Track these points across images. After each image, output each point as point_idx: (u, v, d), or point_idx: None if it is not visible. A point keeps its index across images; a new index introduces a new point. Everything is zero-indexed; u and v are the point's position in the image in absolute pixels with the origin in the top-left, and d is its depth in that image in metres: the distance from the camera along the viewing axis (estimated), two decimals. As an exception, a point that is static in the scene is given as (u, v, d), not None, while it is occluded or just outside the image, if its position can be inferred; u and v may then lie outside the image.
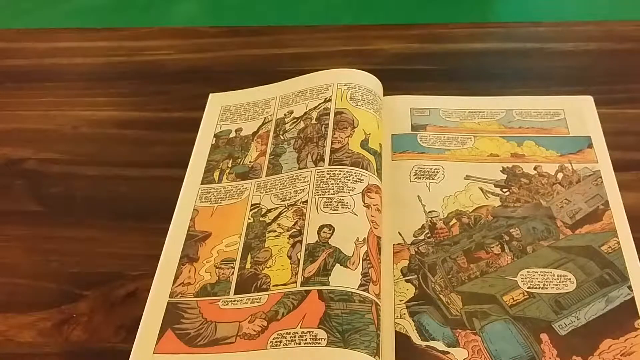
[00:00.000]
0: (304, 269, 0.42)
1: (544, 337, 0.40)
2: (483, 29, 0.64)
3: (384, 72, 0.59)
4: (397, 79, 0.58)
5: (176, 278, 0.44)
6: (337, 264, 0.42)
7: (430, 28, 0.64)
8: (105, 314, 0.44)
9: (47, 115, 0.58)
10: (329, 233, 0.44)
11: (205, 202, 0.49)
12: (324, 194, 0.46)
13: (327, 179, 0.47)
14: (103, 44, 0.65)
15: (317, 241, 0.44)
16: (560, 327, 0.40)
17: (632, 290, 0.41)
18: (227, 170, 0.51)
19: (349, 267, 0.42)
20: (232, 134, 0.54)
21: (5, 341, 0.43)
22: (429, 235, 0.46)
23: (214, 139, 0.54)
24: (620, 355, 0.39)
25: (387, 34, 0.64)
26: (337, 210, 0.45)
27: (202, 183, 0.50)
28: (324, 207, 0.45)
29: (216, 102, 0.57)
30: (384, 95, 0.55)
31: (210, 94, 0.58)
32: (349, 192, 0.46)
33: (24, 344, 0.42)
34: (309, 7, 1.44)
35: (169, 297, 0.43)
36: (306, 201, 0.46)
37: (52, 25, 1.39)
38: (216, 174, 0.51)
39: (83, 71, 0.63)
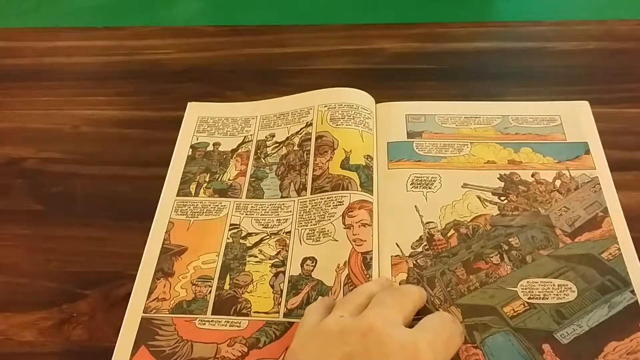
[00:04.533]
0: (286, 301, 0.42)
1: (545, 347, 0.39)
2: (483, 28, 0.64)
3: (385, 71, 0.59)
4: (397, 78, 0.58)
5: (150, 292, 0.44)
6: (320, 297, 0.42)
7: (430, 27, 0.64)
8: (106, 313, 0.44)
9: (48, 114, 0.58)
10: (312, 266, 0.44)
11: (181, 215, 0.48)
12: (307, 225, 0.46)
13: (309, 209, 0.47)
14: (104, 43, 0.65)
15: (300, 274, 0.44)
16: (562, 336, 0.40)
17: (635, 294, 0.41)
18: (205, 185, 0.50)
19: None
20: (210, 147, 0.53)
21: (6, 340, 0.43)
22: (427, 247, 0.45)
23: (190, 149, 0.53)
24: (627, 354, 0.38)
25: (387, 33, 0.64)
26: (319, 240, 0.45)
27: (177, 195, 0.50)
28: (306, 239, 0.45)
29: (193, 112, 0.56)
30: (383, 95, 0.55)
31: (189, 103, 0.57)
32: (329, 219, 0.46)
33: (24, 343, 0.42)
34: (309, 6, 1.44)
35: (143, 312, 0.43)
36: (289, 232, 0.46)
37: (52, 24, 1.39)
38: (192, 186, 0.50)
39: (84, 70, 0.63)
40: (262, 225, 0.47)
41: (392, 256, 0.45)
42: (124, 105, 0.59)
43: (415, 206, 0.47)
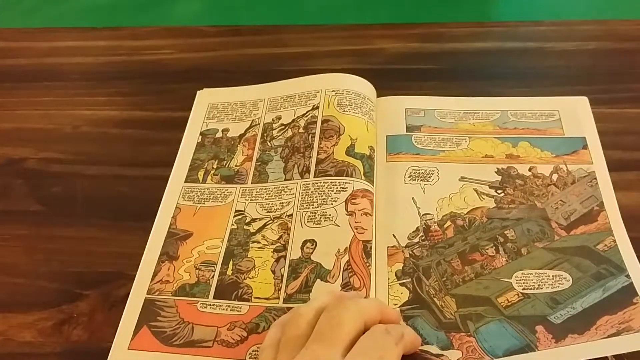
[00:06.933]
0: (286, 286, 0.42)
1: (539, 328, 0.39)
2: (483, 28, 0.64)
3: (385, 72, 0.59)
4: (397, 79, 0.58)
5: (155, 275, 0.44)
6: (318, 280, 0.42)
7: (430, 27, 0.64)
8: (106, 313, 0.44)
9: (48, 114, 0.58)
10: (312, 248, 0.44)
11: (188, 200, 0.49)
12: (309, 208, 0.46)
13: (311, 192, 0.47)
14: (103, 44, 0.65)
15: (300, 257, 0.44)
16: (556, 318, 0.40)
17: (629, 278, 0.41)
18: (212, 172, 0.51)
19: (329, 281, 0.42)
20: (219, 134, 0.54)
21: (6, 341, 0.43)
22: (423, 237, 0.45)
23: (200, 136, 0.54)
24: (619, 324, 0.38)
25: (387, 33, 0.64)
26: (320, 224, 0.45)
27: (185, 181, 0.50)
28: (307, 222, 0.45)
29: (204, 99, 0.57)
30: (383, 95, 0.55)
31: (199, 91, 0.57)
32: (332, 204, 0.46)
33: (24, 343, 0.42)
34: (309, 6, 1.44)
35: (147, 294, 0.43)
36: (291, 215, 0.46)
37: (52, 24, 1.39)
38: (200, 173, 0.51)
39: (83, 70, 0.63)
40: (266, 210, 0.47)
41: (388, 247, 0.45)
42: (124, 105, 0.59)
43: (413, 198, 0.47)
